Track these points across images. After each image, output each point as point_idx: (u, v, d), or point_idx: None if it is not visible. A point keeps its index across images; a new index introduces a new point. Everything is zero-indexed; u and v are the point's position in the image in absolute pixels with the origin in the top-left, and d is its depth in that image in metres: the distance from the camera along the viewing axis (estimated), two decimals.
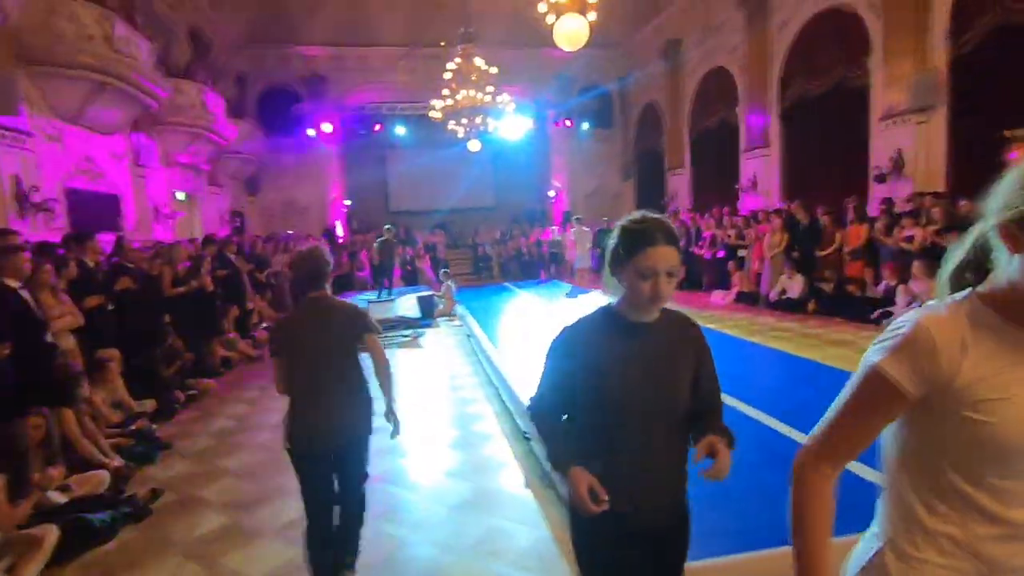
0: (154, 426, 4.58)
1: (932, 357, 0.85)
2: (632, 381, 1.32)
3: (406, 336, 8.05)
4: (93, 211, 7.97)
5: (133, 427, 4.37)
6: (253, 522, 3.12)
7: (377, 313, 8.41)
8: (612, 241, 1.37)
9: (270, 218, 16.58)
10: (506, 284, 12.51)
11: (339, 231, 16.95)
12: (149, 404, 4.93)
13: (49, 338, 3.95)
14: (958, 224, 6.26)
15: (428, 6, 15.98)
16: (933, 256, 6.51)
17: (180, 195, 11.41)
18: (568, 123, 17.68)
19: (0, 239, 3.77)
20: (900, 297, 6.82)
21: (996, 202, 0.86)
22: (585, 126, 17.78)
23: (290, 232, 13.65)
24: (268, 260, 9.86)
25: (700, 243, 11.23)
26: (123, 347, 4.95)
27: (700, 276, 11.15)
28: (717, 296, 10.02)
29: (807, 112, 10.82)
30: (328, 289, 2.49)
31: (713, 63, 13.79)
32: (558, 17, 5.46)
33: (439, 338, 8.04)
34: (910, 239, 7.04)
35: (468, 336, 7.50)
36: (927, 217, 7.05)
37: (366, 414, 2.40)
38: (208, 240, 7.97)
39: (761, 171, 12.17)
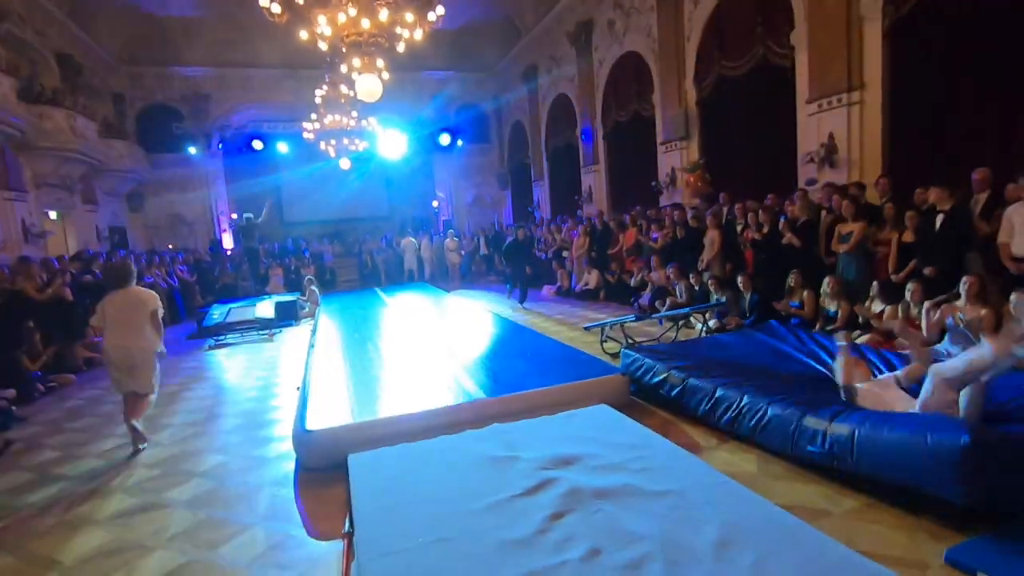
0: (13, 408, 5.73)
1: None
2: None
3: (263, 334, 9.37)
4: None
5: None
6: (79, 454, 4.48)
7: (237, 315, 9.70)
8: None
9: (156, 232, 17.12)
10: (376, 289, 13.94)
11: (227, 243, 17.73)
12: (10, 393, 6.04)
13: None
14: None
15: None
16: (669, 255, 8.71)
17: (52, 214, 12.02)
18: (446, 139, 19.41)
19: None
20: (650, 286, 8.99)
21: None
22: (460, 142, 19.54)
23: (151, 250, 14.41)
24: (142, 272, 10.78)
25: (540, 247, 13.24)
26: None
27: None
28: (546, 290, 12.01)
29: (622, 135, 13.14)
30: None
31: (559, 89, 15.98)
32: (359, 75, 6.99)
33: (293, 337, 9.39)
34: (655, 239, 9.23)
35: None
36: (671, 220, 9.24)
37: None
38: (75, 257, 8.93)
39: (594, 183, 14.43)
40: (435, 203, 20.83)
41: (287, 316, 10.43)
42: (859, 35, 7.42)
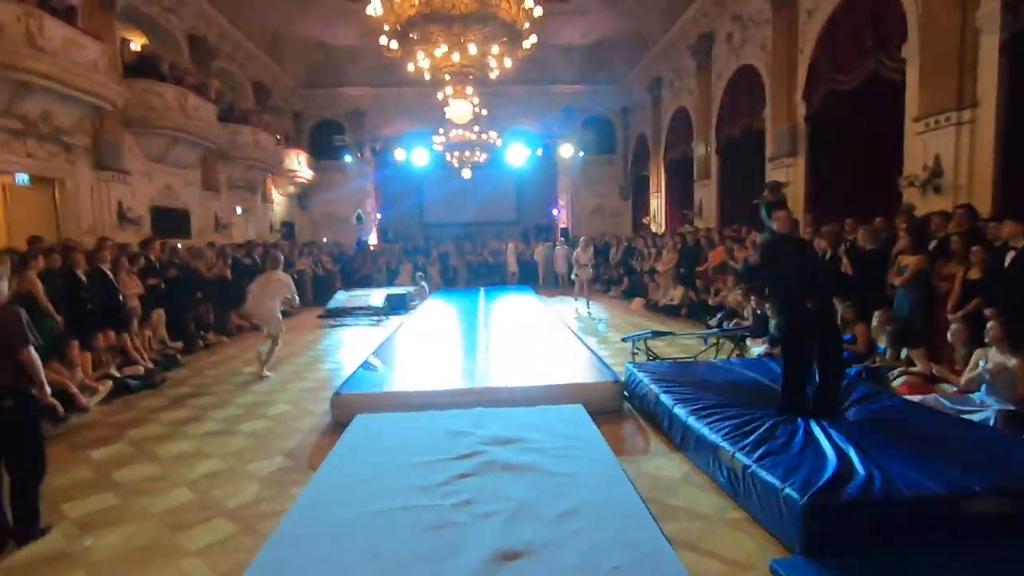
0: (179, 356, 7.72)
1: None
2: None
3: (373, 319, 10.97)
4: (170, 223, 11.55)
5: (166, 352, 7.53)
6: (204, 392, 6.06)
7: (354, 302, 11.45)
8: None
9: (317, 227, 20.33)
10: (480, 288, 15.14)
11: (372, 239, 20.37)
12: (179, 345, 8.11)
13: (121, 299, 7.15)
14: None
15: None
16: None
17: (238, 210, 15.09)
18: (571, 149, 20.13)
19: (99, 242, 7.04)
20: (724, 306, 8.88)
21: None
22: (582, 153, 20.12)
23: (312, 241, 17.09)
24: (291, 260, 13.15)
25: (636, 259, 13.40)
26: (168, 309, 8.19)
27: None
28: (635, 302, 12.16)
29: (736, 149, 12.77)
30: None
31: (679, 102, 15.85)
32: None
33: (397, 323, 10.83)
34: (736, 260, 9.05)
35: None
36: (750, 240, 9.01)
37: None
38: (239, 245, 11.30)
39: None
40: (555, 211, 21.67)
41: (398, 306, 11.99)
42: (973, 48, 6.70)
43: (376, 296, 11.62)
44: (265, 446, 4.41)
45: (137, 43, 12.02)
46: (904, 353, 5.27)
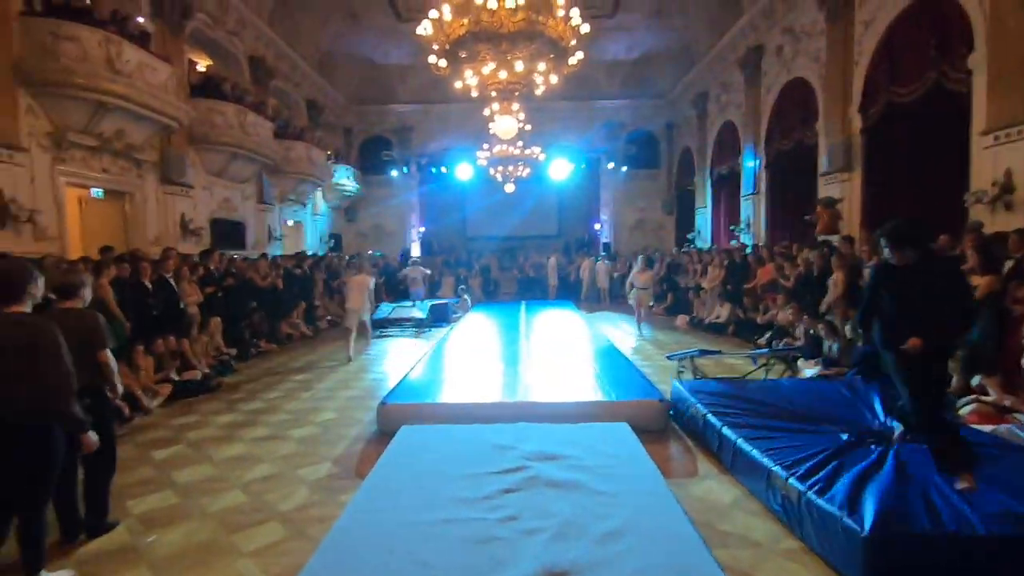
0: (233, 361, 8.03)
1: None
2: None
3: (416, 330, 11.15)
4: (228, 235, 12.10)
5: (221, 358, 7.85)
6: (255, 398, 6.28)
7: (398, 314, 11.67)
8: None
9: (363, 239, 20.87)
10: (521, 302, 15.16)
11: (415, 251, 20.74)
12: (233, 351, 8.45)
13: (182, 306, 7.52)
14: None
15: None
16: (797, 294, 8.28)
17: (290, 222, 15.67)
18: (611, 164, 20.10)
19: (163, 252, 7.44)
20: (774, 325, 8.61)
21: None
22: (625, 168, 20.05)
23: (356, 254, 17.53)
24: (339, 271, 13.54)
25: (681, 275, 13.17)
26: (224, 316, 8.55)
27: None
28: (679, 320, 11.93)
29: (786, 161, 12.45)
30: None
31: (726, 116, 15.60)
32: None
33: (440, 335, 10.98)
34: (786, 277, 8.78)
35: None
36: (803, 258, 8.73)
37: None
38: (291, 256, 11.72)
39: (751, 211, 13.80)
40: (597, 226, 21.57)
41: (440, 318, 12.14)
42: None
43: (420, 308, 11.81)
44: (313, 452, 4.53)
45: (202, 64, 12.75)
46: (975, 380, 4.96)
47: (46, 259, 6.28)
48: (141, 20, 9.39)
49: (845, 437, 3.70)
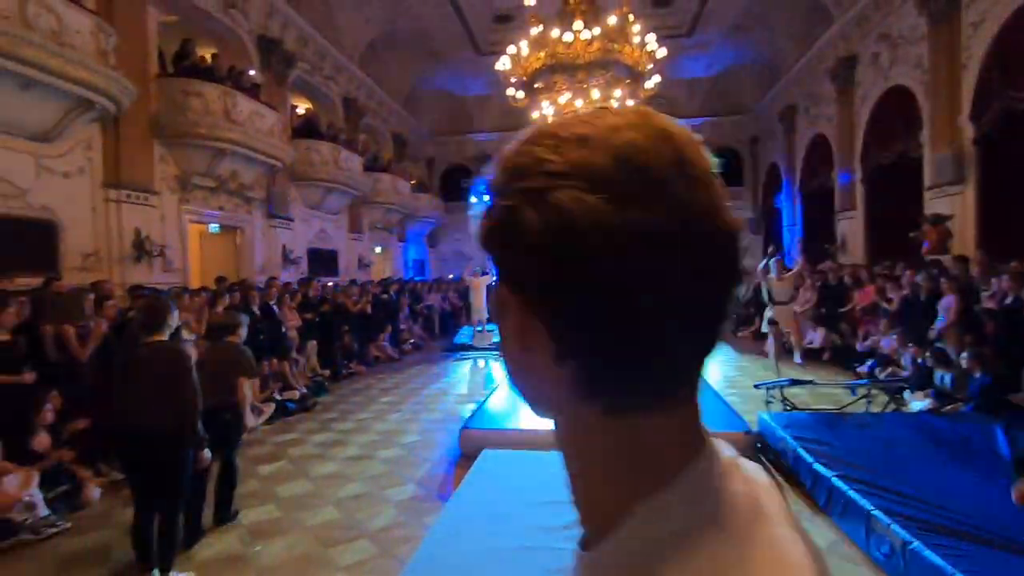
0: (326, 382, 8.59)
1: None
2: None
3: (494, 354, 11.36)
4: (322, 263, 13.03)
5: (316, 379, 8.43)
6: (348, 419, 6.67)
7: (477, 339, 11.95)
8: None
9: (445, 265, 21.63)
10: None
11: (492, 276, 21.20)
12: (326, 372, 9.03)
13: (283, 331, 8.18)
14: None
15: None
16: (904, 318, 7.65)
17: (377, 249, 16.58)
18: None
19: (268, 281, 8.16)
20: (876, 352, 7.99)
21: None
22: None
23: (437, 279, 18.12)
24: (422, 296, 14.12)
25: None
26: (319, 340, 9.19)
27: None
28: (769, 345, 11.31)
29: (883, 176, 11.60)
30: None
31: (816, 129, 14.82)
32: None
33: None
34: (889, 300, 8.14)
35: None
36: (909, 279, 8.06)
37: None
38: (377, 282, 12.39)
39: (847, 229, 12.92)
40: None
41: None
42: None
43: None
44: (399, 473, 4.76)
45: (302, 107, 13.96)
46: None
47: (171, 291, 7.10)
48: (252, 72, 10.49)
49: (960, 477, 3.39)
